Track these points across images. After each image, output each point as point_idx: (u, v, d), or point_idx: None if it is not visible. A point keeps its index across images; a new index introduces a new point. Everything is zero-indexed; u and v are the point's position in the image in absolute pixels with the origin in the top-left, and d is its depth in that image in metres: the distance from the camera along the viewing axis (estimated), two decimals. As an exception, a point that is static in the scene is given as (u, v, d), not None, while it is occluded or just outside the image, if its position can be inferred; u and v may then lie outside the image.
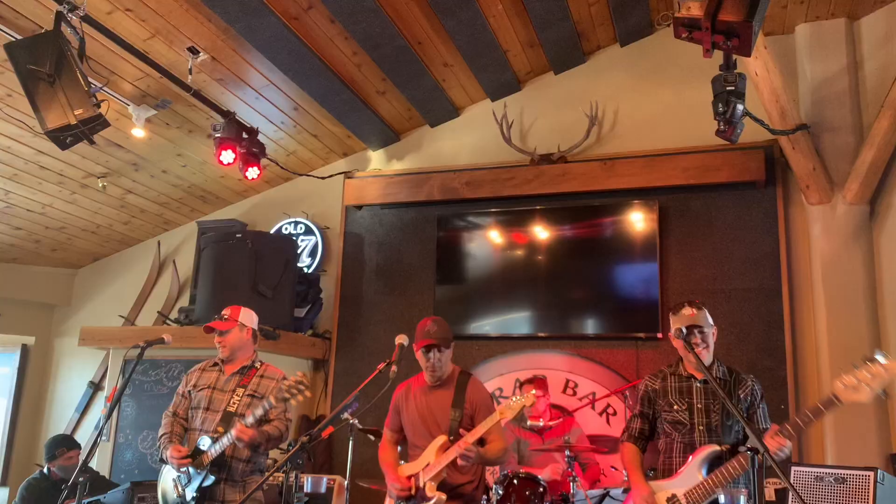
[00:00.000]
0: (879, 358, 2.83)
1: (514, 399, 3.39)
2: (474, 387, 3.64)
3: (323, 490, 2.76)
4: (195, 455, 3.64)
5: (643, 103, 6.00)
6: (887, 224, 5.08)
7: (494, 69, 6.06)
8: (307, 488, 2.79)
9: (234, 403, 3.73)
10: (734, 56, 4.17)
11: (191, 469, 3.63)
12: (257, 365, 3.93)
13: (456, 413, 3.50)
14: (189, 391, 3.91)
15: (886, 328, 5.01)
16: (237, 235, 5.75)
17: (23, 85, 3.90)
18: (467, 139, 6.52)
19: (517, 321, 5.94)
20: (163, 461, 3.80)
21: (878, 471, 3.89)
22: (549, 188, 5.96)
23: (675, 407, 3.33)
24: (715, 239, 5.60)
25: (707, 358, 3.32)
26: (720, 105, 4.54)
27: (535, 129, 6.29)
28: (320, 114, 6.11)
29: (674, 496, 3.19)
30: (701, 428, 3.25)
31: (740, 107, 4.51)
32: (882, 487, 3.84)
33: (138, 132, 5.44)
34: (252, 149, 5.56)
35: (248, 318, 3.99)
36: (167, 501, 3.78)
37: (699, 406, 3.28)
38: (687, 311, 3.33)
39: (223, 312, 3.97)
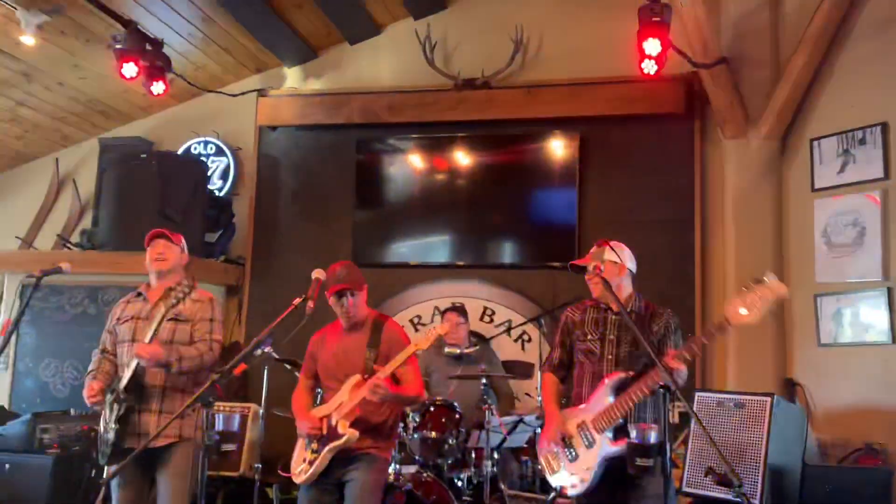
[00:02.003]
0: (767, 279, 2.87)
1: (428, 328, 3.38)
2: (390, 327, 3.59)
3: (236, 428, 2.67)
4: (114, 390, 3.45)
5: (569, 30, 5.90)
6: (797, 160, 5.22)
7: (418, -15, 5.83)
8: (219, 426, 2.69)
9: (159, 332, 3.50)
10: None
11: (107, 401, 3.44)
12: (185, 288, 3.51)
13: (371, 353, 3.44)
14: (114, 326, 3.67)
15: (790, 262, 5.21)
16: (142, 156, 5.43)
17: None
18: (389, 59, 6.28)
19: (436, 247, 5.92)
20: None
21: (775, 396, 4.11)
22: (473, 115, 5.86)
23: (589, 337, 3.38)
24: (633, 170, 5.67)
25: (601, 295, 3.35)
26: (645, 37, 4.52)
27: (459, 51, 6.11)
28: (232, 26, 5.75)
29: (583, 422, 3.28)
30: (610, 357, 3.31)
31: (649, 43, 4.50)
32: (777, 412, 4.06)
33: (28, 39, 4.99)
34: (156, 62, 5.21)
35: (183, 242, 3.71)
36: (105, 439, 3.54)
37: (611, 338, 3.33)
38: (593, 250, 3.38)
39: (157, 231, 3.65)
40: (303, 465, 3.40)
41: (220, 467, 4.79)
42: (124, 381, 3.38)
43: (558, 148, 5.74)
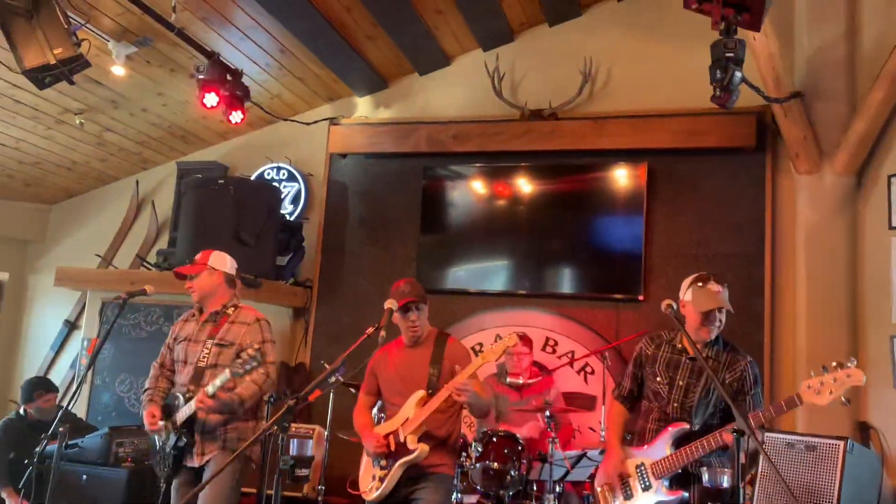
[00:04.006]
0: (848, 364, 2.89)
1: (495, 342, 3.42)
2: (453, 344, 3.65)
3: (309, 452, 2.74)
4: (168, 415, 3.61)
5: (637, 62, 5.90)
6: (873, 196, 5.10)
7: (488, 18, 5.91)
8: (293, 450, 2.77)
9: (204, 357, 3.65)
10: (736, 23, 4.11)
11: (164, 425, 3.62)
12: (229, 311, 3.76)
13: (434, 369, 3.50)
14: (173, 343, 3.85)
15: (864, 301, 5.07)
16: (220, 181, 5.62)
17: (-1, 19, 3.72)
18: (457, 90, 6.39)
19: (499, 275, 5.95)
20: None
21: (849, 440, 3.99)
22: (538, 145, 5.89)
23: (658, 378, 3.38)
24: (701, 203, 5.60)
25: (711, 337, 3.32)
26: (718, 72, 4.47)
27: (527, 82, 6.17)
28: (307, 57, 5.94)
29: (642, 464, 3.28)
30: (676, 404, 3.31)
31: (738, 74, 4.43)
32: (851, 457, 3.94)
33: (118, 70, 5.25)
34: (236, 91, 5.40)
35: (220, 261, 3.84)
36: (164, 455, 3.72)
37: (680, 383, 3.32)
38: (714, 287, 3.27)
39: (195, 257, 3.86)
40: (373, 483, 3.46)
41: (283, 488, 4.89)
42: (181, 417, 3.53)
43: (625, 178, 5.72)
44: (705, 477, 2.68)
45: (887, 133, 5.02)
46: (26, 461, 4.53)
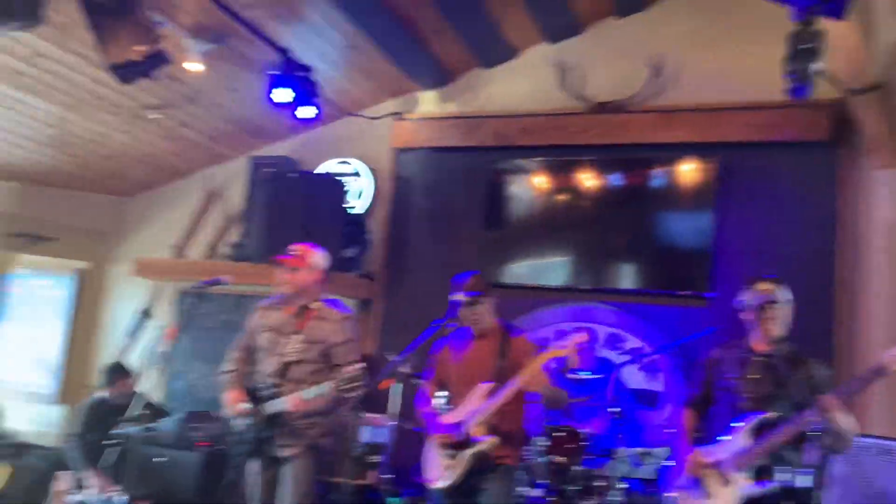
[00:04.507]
0: None
1: (563, 341, 3.45)
2: (517, 336, 3.67)
3: (384, 439, 2.80)
4: (253, 398, 3.71)
5: (707, 54, 5.76)
6: (956, 192, 4.91)
7: (555, 10, 5.88)
8: (366, 437, 2.84)
9: (290, 351, 3.74)
10: (815, 12, 4.01)
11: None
12: (314, 305, 3.83)
13: (500, 361, 3.53)
14: (254, 330, 3.94)
15: (946, 299, 4.89)
16: (291, 175, 5.76)
17: (86, 16, 3.87)
18: (523, 83, 6.37)
19: (566, 272, 5.92)
20: None
21: (928, 444, 3.87)
22: (606, 139, 5.85)
23: (728, 375, 3.36)
24: (774, 198, 5.46)
25: (776, 332, 3.29)
26: (794, 63, 4.36)
27: (594, 75, 6.11)
28: (375, 53, 6.00)
29: (719, 461, 3.23)
30: (749, 395, 3.26)
31: (815, 65, 4.33)
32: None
33: (194, 66, 5.42)
34: (305, 87, 5.51)
35: (320, 259, 3.93)
36: (244, 438, 3.82)
37: (750, 377, 3.29)
38: (763, 285, 3.35)
39: (294, 248, 3.88)
40: (441, 472, 3.51)
41: (347, 475, 4.99)
42: (270, 409, 3.62)
43: (694, 172, 5.61)
44: (780, 475, 2.63)
45: (972, 126, 4.80)
46: (106, 442, 4.77)
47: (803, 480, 2.54)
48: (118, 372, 5.37)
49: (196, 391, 5.92)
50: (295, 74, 5.40)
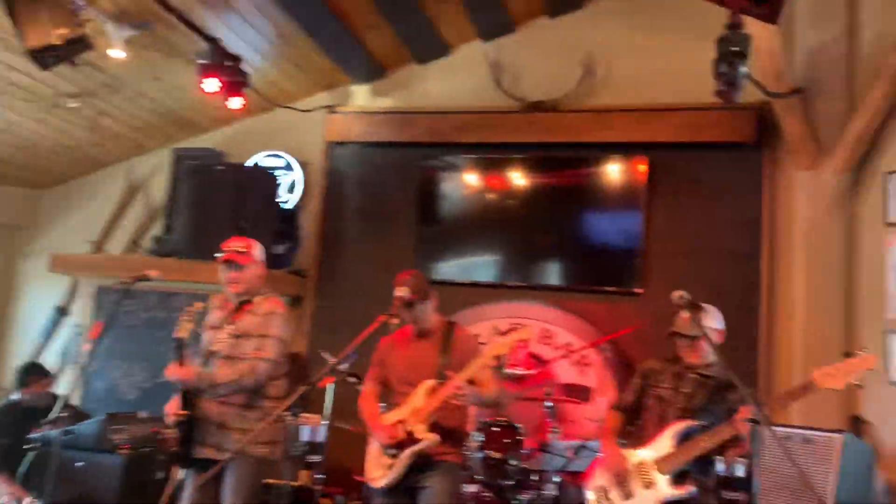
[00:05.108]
0: (860, 352, 3.00)
1: (498, 334, 3.44)
2: (461, 334, 3.66)
3: (322, 438, 2.69)
4: (185, 400, 3.55)
5: (638, 55, 5.88)
6: (870, 193, 5.14)
7: (489, 8, 5.90)
8: (305, 436, 2.73)
9: (217, 344, 3.60)
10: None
11: None
12: (256, 299, 3.67)
13: (442, 359, 3.50)
14: (203, 331, 3.76)
15: (860, 296, 5.11)
16: (219, 167, 5.58)
17: (1, -2, 3.66)
18: (456, 80, 6.36)
19: (499, 268, 5.95)
20: None
21: (846, 434, 4.05)
22: (539, 137, 5.90)
23: (665, 385, 3.44)
24: (701, 198, 5.63)
25: (698, 362, 3.38)
26: (723, 66, 4.49)
27: (528, 74, 6.16)
28: (307, 44, 5.89)
29: (643, 462, 3.29)
30: (679, 406, 3.34)
31: (743, 69, 4.48)
32: (847, 450, 4.00)
33: (117, 53, 5.18)
34: (236, 77, 5.35)
35: (259, 250, 3.76)
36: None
37: (685, 390, 3.37)
38: (682, 314, 3.40)
39: (234, 244, 3.68)
40: (381, 471, 3.45)
41: (280, 477, 4.87)
42: (195, 412, 3.47)
43: (624, 172, 5.74)
44: (720, 466, 2.70)
45: (884, 131, 5.06)
46: (20, 447, 4.52)
47: (744, 469, 2.62)
48: (33, 372, 5.09)
49: (118, 391, 5.68)
50: (224, 64, 5.25)
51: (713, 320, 3.36)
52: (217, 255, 3.66)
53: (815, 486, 2.92)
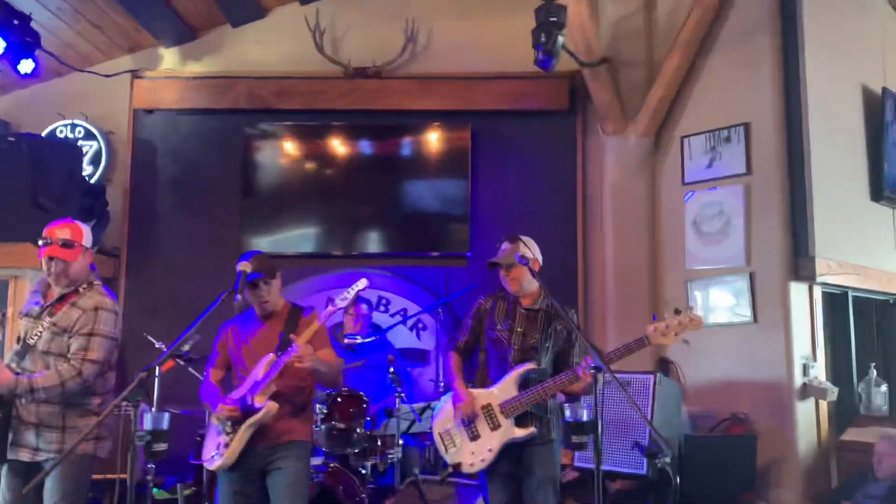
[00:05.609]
0: (689, 310, 3.24)
1: (329, 304, 3.41)
2: (307, 317, 3.54)
3: (165, 426, 2.50)
4: None
5: (459, 24, 6.00)
6: (668, 155, 5.65)
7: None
8: (147, 425, 2.52)
9: (33, 336, 3.23)
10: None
11: None
12: (81, 289, 3.30)
13: (286, 337, 3.37)
14: (21, 316, 3.33)
15: (663, 250, 5.64)
16: (9, 139, 4.97)
17: None
18: (275, 44, 6.12)
19: (329, 238, 5.88)
20: None
21: (658, 374, 4.47)
22: (365, 104, 5.87)
23: (498, 326, 3.54)
24: (521, 163, 5.90)
25: (518, 289, 3.53)
26: (542, 35, 4.72)
27: (349, 39, 6.07)
28: (105, 2, 5.39)
29: (489, 405, 3.44)
30: (516, 348, 3.49)
31: (561, 38, 4.73)
32: (660, 388, 4.42)
33: None
34: (24, 38, 4.81)
35: (88, 236, 3.34)
36: None
37: (518, 329, 3.51)
38: (502, 245, 3.56)
39: (59, 232, 3.24)
40: (217, 450, 3.28)
41: (105, 470, 4.52)
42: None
43: (449, 139, 5.86)
44: (567, 413, 2.87)
45: (681, 98, 5.56)
46: None
47: (589, 414, 2.80)
48: None
49: None
50: (10, 22, 4.68)
51: (528, 250, 3.52)
52: (40, 242, 3.24)
53: (651, 426, 3.19)
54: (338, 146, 5.94)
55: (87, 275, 3.34)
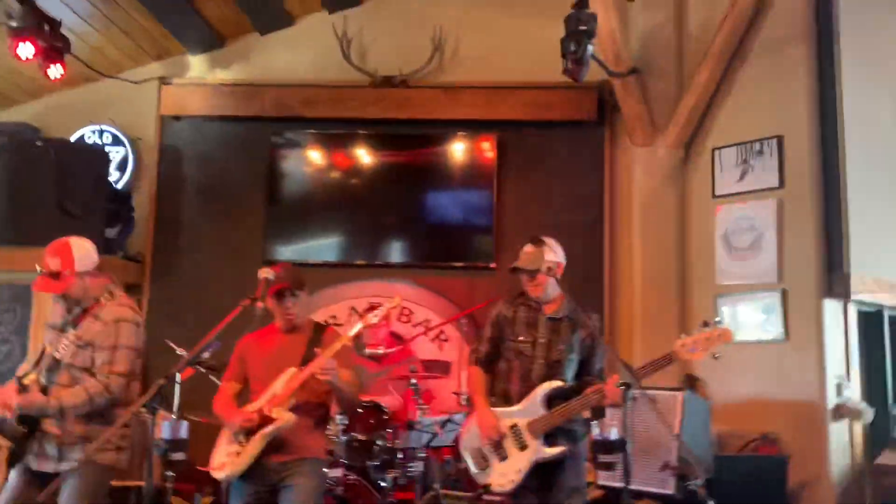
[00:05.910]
0: (717, 323, 3.11)
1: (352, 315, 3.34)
2: (331, 331, 3.47)
3: (184, 435, 2.47)
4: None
5: (487, 33, 5.96)
6: (699, 167, 5.54)
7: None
8: (165, 434, 2.49)
9: (60, 350, 3.21)
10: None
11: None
12: (103, 299, 3.27)
13: (310, 352, 3.29)
14: (48, 327, 3.32)
15: (692, 264, 5.52)
16: (38, 143, 5.00)
17: None
18: (302, 52, 6.12)
19: (353, 247, 5.86)
20: None
21: (687, 390, 4.36)
22: (391, 113, 5.84)
23: (521, 338, 3.44)
24: (547, 174, 5.84)
25: (542, 295, 3.43)
26: (572, 44, 4.64)
27: (376, 48, 6.04)
28: (135, 8, 5.43)
29: (516, 425, 3.35)
30: (540, 361, 3.40)
31: (590, 47, 4.65)
32: (688, 405, 4.30)
33: None
34: (55, 43, 4.81)
35: (84, 258, 3.27)
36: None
37: (542, 340, 3.41)
38: (525, 248, 3.46)
39: (48, 260, 3.19)
40: (226, 459, 3.21)
41: (127, 477, 4.50)
42: (15, 409, 3.09)
43: (475, 149, 5.82)
44: (596, 430, 2.79)
45: (712, 109, 5.46)
46: None
47: (617, 433, 2.72)
48: None
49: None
50: (40, 27, 4.70)
51: (553, 254, 3.42)
52: (37, 267, 3.22)
53: (682, 446, 3.08)
54: (363, 155, 5.91)
55: (100, 289, 3.30)
